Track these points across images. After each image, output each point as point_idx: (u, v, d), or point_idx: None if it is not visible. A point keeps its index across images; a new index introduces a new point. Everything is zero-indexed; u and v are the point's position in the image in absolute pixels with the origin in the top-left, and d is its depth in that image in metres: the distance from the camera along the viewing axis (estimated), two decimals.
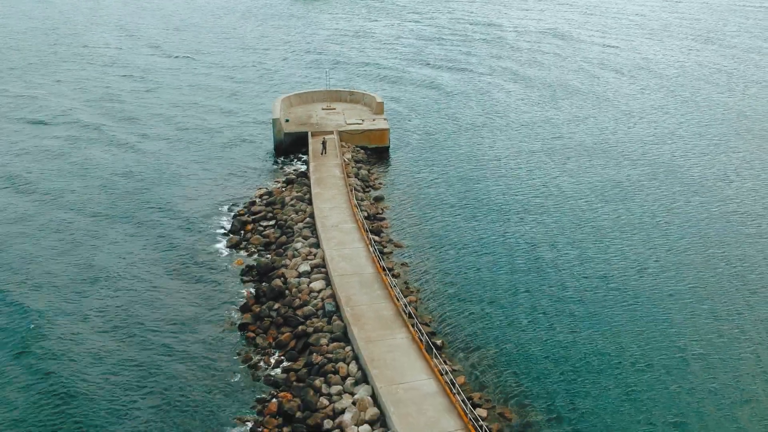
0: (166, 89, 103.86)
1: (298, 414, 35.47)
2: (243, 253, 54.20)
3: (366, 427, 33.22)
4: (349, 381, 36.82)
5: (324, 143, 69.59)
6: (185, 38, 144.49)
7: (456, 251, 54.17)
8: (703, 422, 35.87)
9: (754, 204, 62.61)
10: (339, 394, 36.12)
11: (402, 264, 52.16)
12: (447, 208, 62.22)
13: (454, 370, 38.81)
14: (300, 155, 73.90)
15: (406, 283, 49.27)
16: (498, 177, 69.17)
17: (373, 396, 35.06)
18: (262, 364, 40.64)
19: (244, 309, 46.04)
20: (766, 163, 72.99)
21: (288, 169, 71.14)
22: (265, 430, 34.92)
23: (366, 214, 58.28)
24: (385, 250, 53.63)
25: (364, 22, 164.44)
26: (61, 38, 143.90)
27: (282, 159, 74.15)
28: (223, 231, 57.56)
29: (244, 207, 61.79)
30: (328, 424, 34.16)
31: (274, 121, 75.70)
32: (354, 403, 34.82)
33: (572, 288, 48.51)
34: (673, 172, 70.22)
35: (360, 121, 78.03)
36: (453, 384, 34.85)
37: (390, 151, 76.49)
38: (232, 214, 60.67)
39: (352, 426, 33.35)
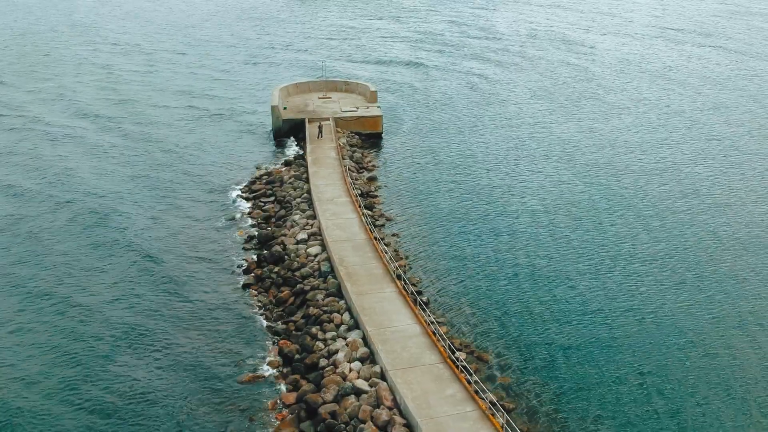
0: (168, 82, 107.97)
1: (297, 356, 39.62)
2: (245, 225, 58.34)
3: (357, 363, 37.33)
4: (343, 328, 40.97)
5: (320, 127, 73.76)
6: (184, 35, 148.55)
7: (444, 225, 58.28)
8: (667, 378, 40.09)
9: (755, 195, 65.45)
10: (333, 338, 40.24)
11: (392, 234, 56.29)
12: (436, 187, 66.33)
13: (438, 322, 42.85)
14: (297, 140, 77.91)
15: (396, 250, 53.31)
16: (484, 161, 73.34)
17: (364, 338, 39.19)
18: (264, 317, 44.74)
19: (247, 272, 50.19)
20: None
21: (286, 152, 75.29)
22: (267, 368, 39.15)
23: (359, 191, 62.30)
24: (377, 222, 57.71)
25: (359, 18, 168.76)
26: (61, 32, 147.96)
27: (280, 144, 78.25)
28: (225, 207, 61.66)
29: (246, 186, 65.96)
30: (323, 362, 38.27)
31: (273, 109, 79.80)
32: (346, 345, 38.95)
33: (553, 257, 52.64)
34: (656, 155, 74.60)
35: (354, 109, 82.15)
36: (435, 330, 38.95)
37: (383, 136, 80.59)
38: (234, 192, 64.77)
39: (345, 363, 37.45)
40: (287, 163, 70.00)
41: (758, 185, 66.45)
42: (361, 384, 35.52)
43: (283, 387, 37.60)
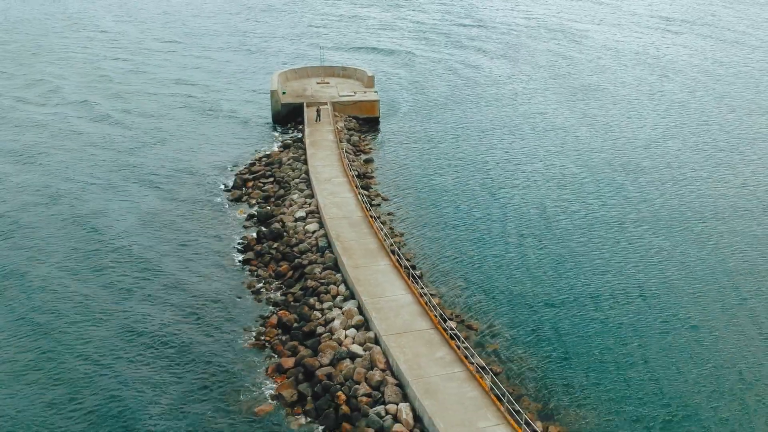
0: (169, 69, 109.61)
1: (295, 324, 41.53)
2: (245, 205, 60.15)
3: (352, 330, 39.25)
4: (339, 298, 42.86)
5: (318, 111, 75.47)
6: (182, 23, 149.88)
7: (438, 205, 60.15)
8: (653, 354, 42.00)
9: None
10: (330, 308, 42.12)
11: (388, 213, 58.12)
12: (431, 169, 68.15)
13: (430, 294, 44.69)
14: (296, 124, 79.54)
15: (391, 228, 55.19)
16: (478, 145, 75.18)
17: (359, 308, 41.11)
18: (263, 290, 46.65)
19: (247, 248, 52.07)
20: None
21: (285, 135, 77.04)
22: (266, 337, 41.10)
23: (356, 172, 64.04)
24: (373, 202, 59.51)
25: (356, 6, 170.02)
26: (56, 20, 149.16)
27: (279, 127, 79.96)
28: (226, 187, 63.51)
29: (245, 167, 67.74)
30: (320, 330, 40.17)
31: (272, 93, 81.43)
32: (342, 313, 40.85)
33: (543, 234, 54.57)
34: (648, 137, 76.43)
35: (352, 93, 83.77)
36: (427, 301, 40.81)
37: (380, 120, 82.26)
38: (235, 173, 66.55)
39: (341, 330, 39.36)
40: (286, 146, 71.75)
41: (753, 165, 68.29)
42: (356, 348, 37.43)
43: (282, 352, 39.41)
